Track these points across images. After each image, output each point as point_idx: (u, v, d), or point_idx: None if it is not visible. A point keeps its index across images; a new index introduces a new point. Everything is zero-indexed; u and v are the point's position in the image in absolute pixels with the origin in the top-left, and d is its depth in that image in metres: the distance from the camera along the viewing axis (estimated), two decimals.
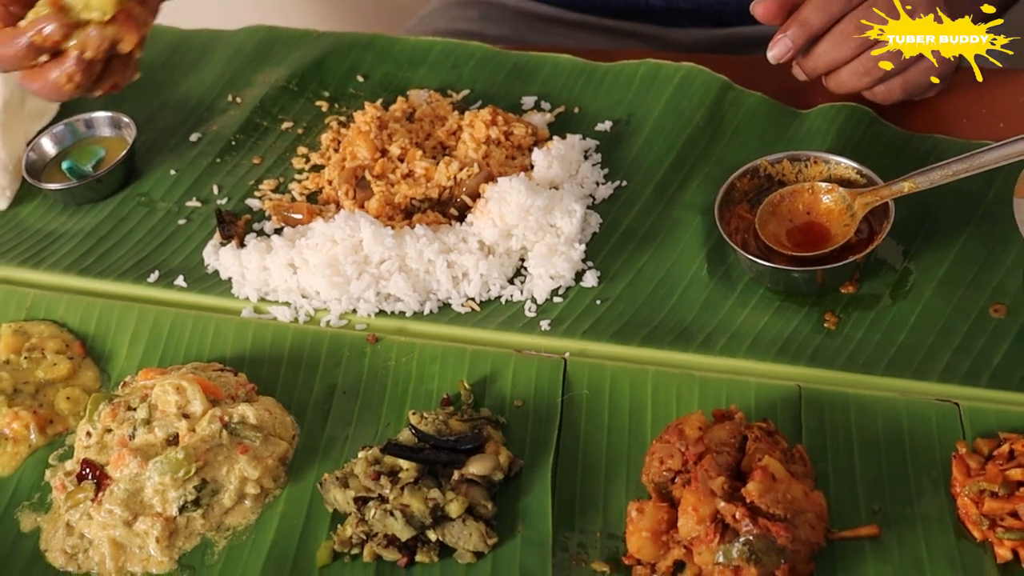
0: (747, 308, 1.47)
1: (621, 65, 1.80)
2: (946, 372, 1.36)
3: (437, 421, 1.37)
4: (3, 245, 1.74)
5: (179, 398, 1.41)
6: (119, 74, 1.43)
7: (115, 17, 1.37)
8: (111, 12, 1.36)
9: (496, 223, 1.55)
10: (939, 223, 1.51)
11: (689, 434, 1.27)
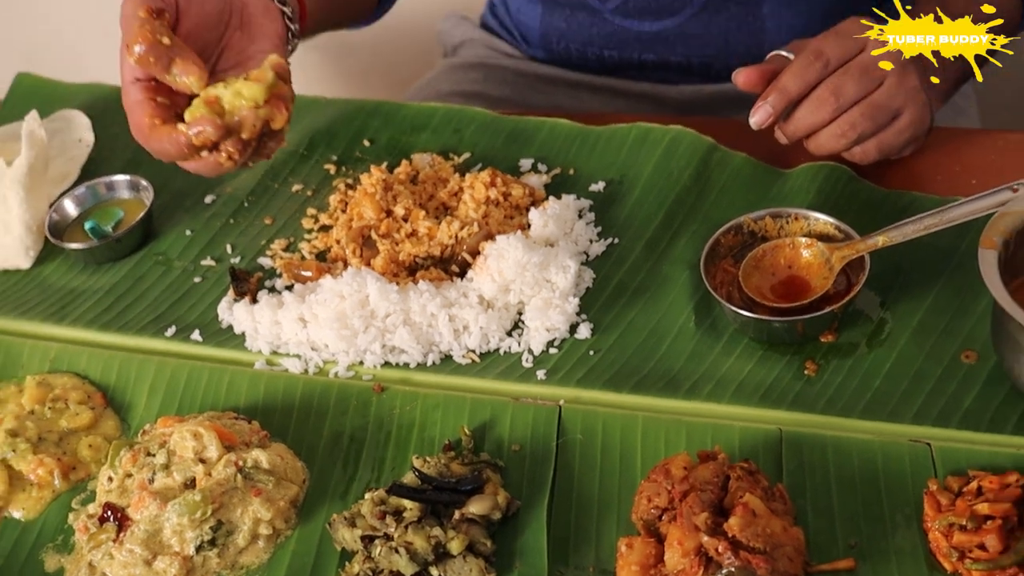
0: (732, 357, 1.54)
1: (613, 128, 1.89)
2: (919, 415, 1.44)
3: (439, 464, 1.44)
4: (28, 302, 1.82)
5: (196, 444, 1.49)
6: (269, 146, 1.50)
7: (267, 100, 1.44)
8: (263, 99, 1.45)
9: (495, 279, 1.63)
10: (913, 275, 1.59)
11: (675, 473, 1.34)
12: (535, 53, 2.34)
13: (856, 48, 1.64)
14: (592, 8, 2.18)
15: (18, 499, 1.56)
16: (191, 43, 1.50)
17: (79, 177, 2.00)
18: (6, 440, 1.58)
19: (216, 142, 1.44)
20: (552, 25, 2.26)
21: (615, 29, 2.18)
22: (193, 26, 1.54)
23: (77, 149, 2.04)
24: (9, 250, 1.90)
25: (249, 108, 1.44)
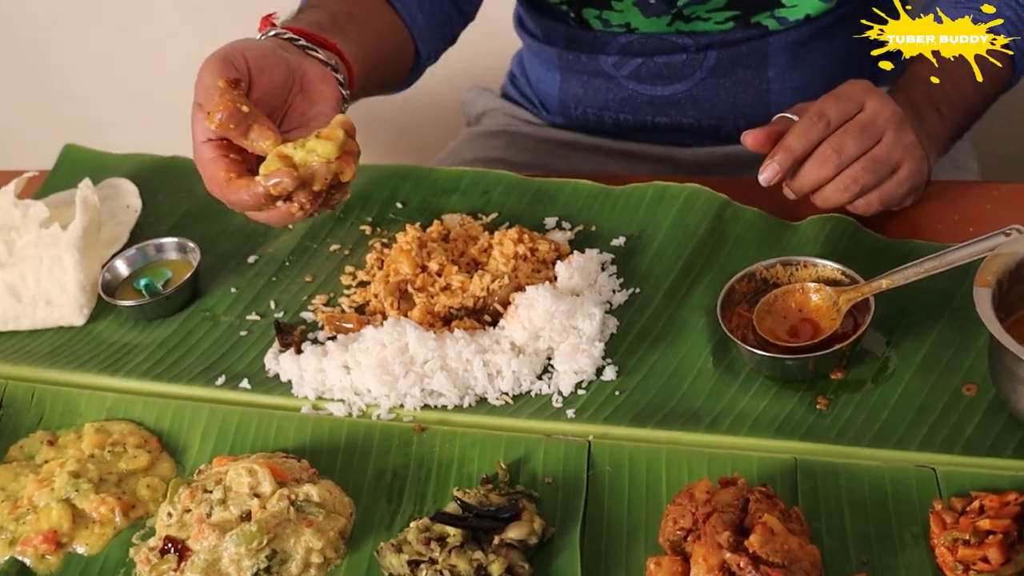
0: (748, 394, 1.65)
1: (632, 187, 2.00)
2: (924, 443, 1.54)
3: (479, 495, 1.55)
4: (82, 356, 1.93)
5: (251, 480, 1.59)
6: (335, 197, 1.63)
7: (337, 156, 1.58)
8: (335, 156, 1.58)
9: (525, 326, 1.74)
10: (916, 316, 1.69)
11: (698, 497, 1.45)
12: (554, 119, 2.47)
13: (855, 108, 1.75)
14: (608, 74, 2.30)
15: (81, 535, 1.65)
16: (261, 107, 1.64)
17: (128, 240, 2.12)
18: (69, 481, 1.68)
19: (290, 193, 1.57)
20: (570, 91, 2.39)
21: (630, 93, 2.31)
22: (262, 93, 1.68)
23: (125, 214, 2.16)
24: (64, 308, 2.01)
25: (321, 162, 1.57)
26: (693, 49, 2.23)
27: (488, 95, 2.65)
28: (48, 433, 1.82)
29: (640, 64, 2.28)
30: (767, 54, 2.23)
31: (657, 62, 2.26)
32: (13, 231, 2.11)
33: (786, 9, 2.19)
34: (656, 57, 2.26)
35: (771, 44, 2.22)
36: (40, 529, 1.65)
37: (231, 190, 1.61)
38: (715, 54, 2.23)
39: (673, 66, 2.26)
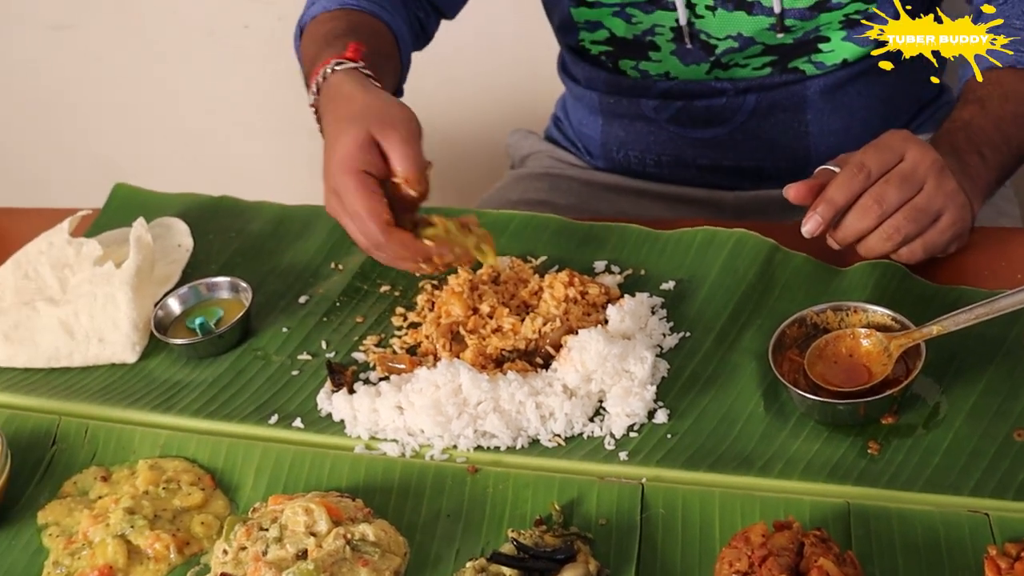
0: (799, 439, 1.66)
1: (681, 232, 2.02)
2: (976, 488, 1.54)
3: (533, 536, 1.56)
4: (135, 393, 1.95)
5: (307, 519, 1.61)
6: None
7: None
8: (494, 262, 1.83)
9: (578, 369, 1.76)
10: (966, 362, 1.70)
11: (754, 540, 1.46)
12: (597, 163, 2.50)
13: (895, 158, 1.77)
14: (648, 118, 2.33)
15: (136, 571, 1.66)
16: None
17: (180, 279, 2.15)
18: (124, 517, 1.70)
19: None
20: (612, 135, 2.42)
21: (670, 136, 2.34)
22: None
23: (177, 253, 2.19)
24: (117, 346, 2.03)
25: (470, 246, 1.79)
26: (732, 93, 2.26)
27: (532, 138, 2.68)
28: (102, 469, 1.84)
29: (680, 108, 2.30)
30: (805, 98, 2.26)
31: (697, 106, 2.29)
32: (67, 268, 2.15)
33: (823, 54, 2.21)
34: (696, 101, 2.29)
35: (809, 88, 2.25)
36: (96, 564, 1.67)
37: (392, 237, 1.76)
38: (754, 98, 2.25)
39: (713, 110, 2.28)
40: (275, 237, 2.25)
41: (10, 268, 2.20)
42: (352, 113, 1.86)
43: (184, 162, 3.76)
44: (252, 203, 2.35)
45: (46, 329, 2.07)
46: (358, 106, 1.87)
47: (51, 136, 4.10)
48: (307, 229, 2.24)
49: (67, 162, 4.09)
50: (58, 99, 4.01)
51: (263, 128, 3.88)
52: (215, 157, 3.85)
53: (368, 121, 1.83)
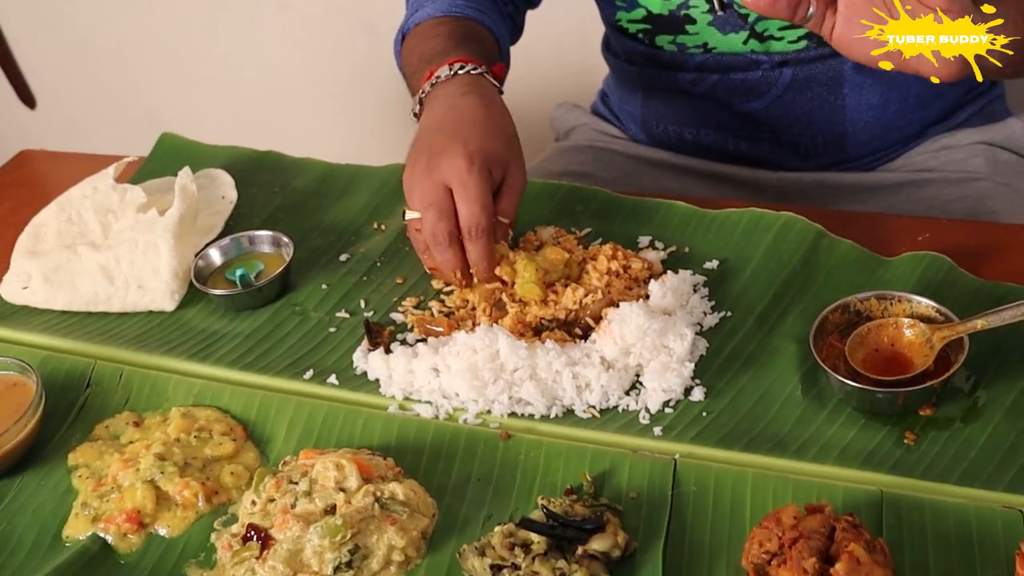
0: (836, 424, 1.65)
1: (727, 212, 2.01)
2: (1012, 484, 1.53)
3: (563, 505, 1.56)
4: (171, 341, 1.96)
5: (337, 474, 1.61)
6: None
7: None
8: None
9: (617, 342, 1.75)
10: (1009, 358, 1.68)
11: (785, 521, 1.45)
12: (639, 137, 2.49)
13: None
14: (686, 91, 2.33)
15: (164, 517, 1.67)
16: None
17: (222, 231, 2.15)
18: (155, 463, 1.70)
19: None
20: (652, 109, 2.42)
21: (708, 109, 2.33)
22: None
23: (221, 205, 2.19)
24: (156, 293, 2.04)
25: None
26: (768, 66, 2.24)
27: (578, 111, 2.68)
28: (134, 415, 1.84)
29: (717, 81, 2.29)
30: (842, 72, 2.24)
31: (733, 79, 2.28)
32: (110, 214, 2.15)
33: None
34: (732, 74, 2.28)
35: (845, 62, 2.23)
36: (124, 508, 1.67)
37: (489, 233, 1.86)
38: (790, 71, 2.24)
39: (749, 83, 2.27)
40: (319, 194, 2.25)
41: (53, 211, 2.21)
42: (504, 126, 1.95)
43: (227, 119, 3.77)
44: (297, 159, 2.36)
45: (86, 273, 2.08)
46: (508, 124, 1.96)
47: (97, 85, 4.11)
48: (351, 188, 2.24)
49: (112, 112, 4.11)
50: (105, 48, 4.02)
51: (308, 89, 3.88)
52: (259, 117, 3.86)
53: (510, 149, 1.92)
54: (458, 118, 1.92)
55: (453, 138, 1.87)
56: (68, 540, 1.68)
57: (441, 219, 1.85)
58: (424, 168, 1.88)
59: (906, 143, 2.35)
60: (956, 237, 1.93)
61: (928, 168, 2.31)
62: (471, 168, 1.83)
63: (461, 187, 1.84)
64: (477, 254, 1.85)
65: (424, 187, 1.87)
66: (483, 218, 1.83)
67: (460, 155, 1.84)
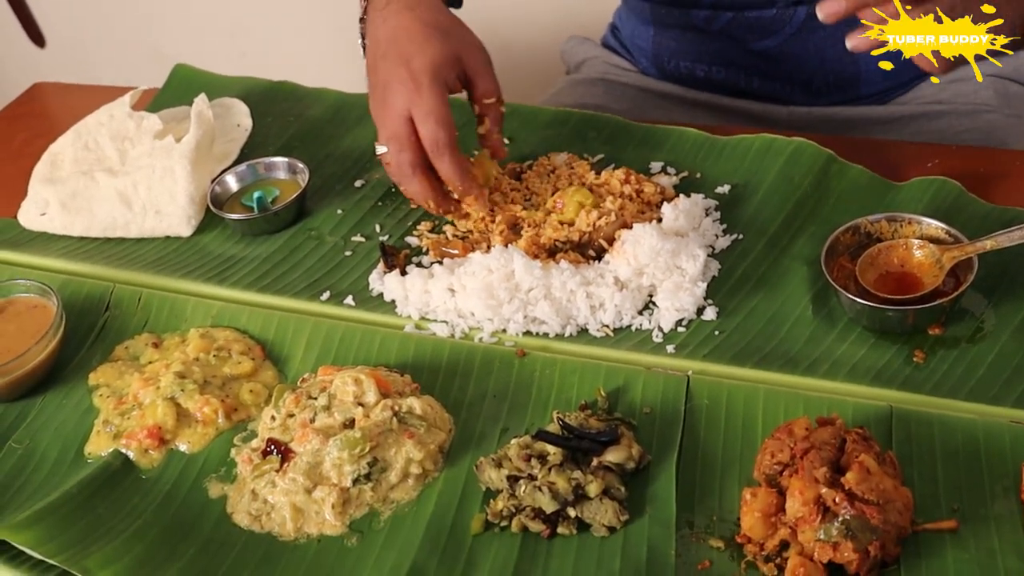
0: (846, 343, 1.67)
1: (739, 138, 2.04)
2: (1019, 400, 1.55)
3: (579, 419, 1.59)
4: (189, 265, 1.99)
5: (356, 389, 1.63)
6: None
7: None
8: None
9: (630, 262, 1.78)
10: (1017, 279, 1.71)
11: (797, 433, 1.48)
12: (649, 71, 2.50)
13: None
14: (699, 28, 2.33)
15: (184, 433, 1.70)
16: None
17: (237, 158, 2.17)
18: (175, 381, 1.73)
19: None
20: (663, 45, 2.42)
21: (721, 47, 2.34)
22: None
23: (236, 132, 2.22)
24: (173, 218, 2.06)
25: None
26: (783, 5, 2.25)
27: (588, 44, 2.68)
28: (153, 336, 1.87)
29: (731, 19, 2.29)
30: None
31: (747, 17, 2.28)
32: (127, 141, 2.17)
33: None
34: (746, 12, 2.28)
35: None
36: (145, 424, 1.70)
37: (455, 151, 1.86)
38: (804, 10, 2.24)
39: (763, 21, 2.28)
40: (333, 123, 2.27)
41: (70, 138, 2.23)
42: (438, 23, 1.90)
43: (236, 55, 3.77)
44: (312, 89, 2.38)
45: (104, 199, 2.10)
46: (444, 20, 1.92)
47: (106, 21, 4.11)
48: (366, 116, 2.22)
49: (122, 48, 4.11)
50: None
51: (313, 21, 3.89)
52: (269, 52, 3.87)
53: (454, 40, 1.89)
54: (393, 34, 1.91)
55: (396, 62, 1.87)
56: (90, 456, 1.71)
57: (402, 150, 1.86)
58: (381, 101, 1.89)
59: (918, 79, 2.36)
60: (965, 163, 1.95)
61: (938, 100, 2.32)
62: (419, 89, 1.83)
63: (415, 109, 1.84)
64: (445, 169, 1.85)
65: (383, 120, 1.88)
66: (440, 132, 1.82)
67: (407, 79, 1.84)
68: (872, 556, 1.37)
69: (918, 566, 1.40)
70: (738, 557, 1.44)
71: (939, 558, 1.40)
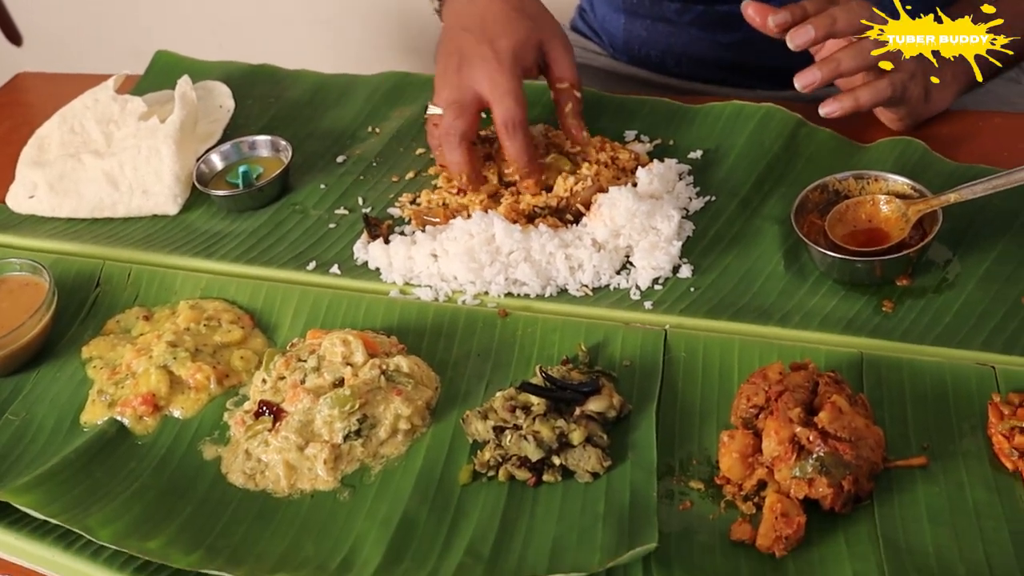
0: (817, 295, 1.72)
1: (710, 106, 2.10)
2: (985, 344, 1.61)
3: (561, 371, 1.64)
4: (176, 241, 2.03)
5: (344, 350, 1.68)
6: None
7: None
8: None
9: (607, 224, 1.83)
10: (981, 231, 1.77)
11: (771, 377, 1.53)
12: (619, 57, 2.55)
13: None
14: (670, 20, 2.38)
15: (177, 400, 1.75)
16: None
17: (221, 138, 2.22)
18: (167, 350, 1.77)
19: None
20: (634, 33, 2.47)
21: (691, 38, 2.39)
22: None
23: (219, 113, 2.26)
24: (159, 197, 2.11)
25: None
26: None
27: None
28: (144, 309, 1.92)
29: (702, 12, 2.34)
30: None
31: (718, 11, 2.33)
32: (112, 123, 2.22)
33: None
34: (717, 6, 2.33)
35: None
36: (139, 392, 1.75)
37: (525, 126, 1.93)
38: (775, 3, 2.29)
39: (734, 14, 2.31)
40: (313, 104, 2.32)
41: (56, 122, 2.28)
42: (525, 8, 2.00)
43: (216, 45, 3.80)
44: (291, 71, 2.43)
45: (91, 180, 2.15)
46: (531, 5, 2.02)
47: (88, 16, 4.14)
48: (345, 96, 2.31)
49: (102, 41, 4.14)
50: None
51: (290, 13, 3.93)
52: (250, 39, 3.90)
53: (539, 25, 1.99)
54: (481, 11, 1.98)
55: (480, 39, 1.94)
56: (86, 425, 1.75)
57: (459, 117, 1.92)
58: (455, 68, 1.95)
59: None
60: (929, 125, 2.01)
61: None
62: (501, 68, 1.91)
63: (493, 87, 1.91)
64: (516, 148, 1.91)
65: (452, 86, 1.95)
66: (517, 111, 1.90)
67: (489, 57, 1.92)
68: (846, 491, 1.43)
69: (890, 500, 1.45)
70: (718, 498, 1.49)
71: (910, 492, 1.46)
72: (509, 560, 1.45)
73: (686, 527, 1.46)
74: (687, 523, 1.47)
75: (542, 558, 1.44)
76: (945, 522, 1.42)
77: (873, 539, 1.41)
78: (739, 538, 1.44)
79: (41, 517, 1.56)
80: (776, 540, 1.41)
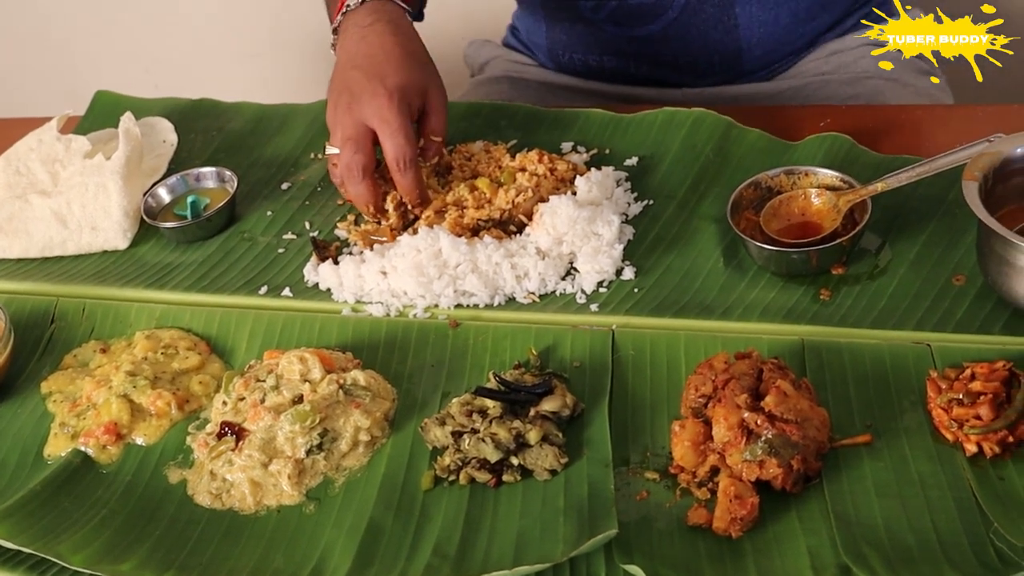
0: (757, 288, 1.78)
1: (643, 114, 2.15)
2: (920, 323, 1.67)
3: (514, 375, 1.69)
4: (128, 275, 2.06)
5: (302, 367, 1.72)
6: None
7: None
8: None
9: (550, 232, 1.88)
10: (909, 219, 1.83)
11: (717, 366, 1.59)
12: (548, 66, 2.61)
13: None
14: (588, 19, 2.44)
15: (140, 427, 1.77)
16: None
17: (166, 172, 2.25)
18: (126, 379, 1.80)
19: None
20: (556, 39, 2.53)
21: (609, 36, 2.45)
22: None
23: (163, 148, 2.30)
24: (108, 232, 2.14)
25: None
26: None
27: (490, 46, 2.79)
28: (100, 342, 1.94)
29: (615, 7, 2.39)
30: None
31: (631, 4, 2.37)
32: (57, 163, 2.25)
33: None
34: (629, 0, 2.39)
35: None
36: (101, 422, 1.77)
37: (415, 165, 1.97)
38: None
39: (645, 7, 2.37)
40: (255, 134, 2.36)
41: (0, 165, 2.30)
42: (417, 54, 2.05)
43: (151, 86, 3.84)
44: (231, 104, 2.46)
45: (39, 220, 2.17)
46: (422, 53, 2.06)
47: (23, 52, 4.15)
48: (285, 125, 2.35)
49: (38, 88, 4.16)
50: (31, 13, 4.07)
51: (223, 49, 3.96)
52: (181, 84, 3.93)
53: (427, 73, 2.04)
54: (371, 51, 2.02)
55: (371, 76, 1.98)
56: (50, 458, 1.78)
57: (357, 152, 1.96)
58: (346, 107, 1.98)
59: (799, 54, 2.48)
60: (853, 121, 2.08)
61: (821, 73, 2.44)
62: (391, 105, 1.94)
63: (384, 124, 1.94)
64: (408, 183, 1.96)
65: (345, 124, 1.98)
66: (408, 149, 1.94)
67: (380, 94, 1.95)
68: (795, 470, 1.48)
69: (839, 477, 1.51)
70: (673, 486, 1.55)
71: (857, 468, 1.52)
72: (475, 557, 1.49)
73: (644, 516, 1.51)
74: (645, 512, 1.52)
75: (507, 553, 1.49)
76: (892, 494, 1.48)
77: (825, 515, 1.47)
78: (696, 522, 1.49)
79: (13, 547, 1.58)
80: (732, 522, 1.46)
